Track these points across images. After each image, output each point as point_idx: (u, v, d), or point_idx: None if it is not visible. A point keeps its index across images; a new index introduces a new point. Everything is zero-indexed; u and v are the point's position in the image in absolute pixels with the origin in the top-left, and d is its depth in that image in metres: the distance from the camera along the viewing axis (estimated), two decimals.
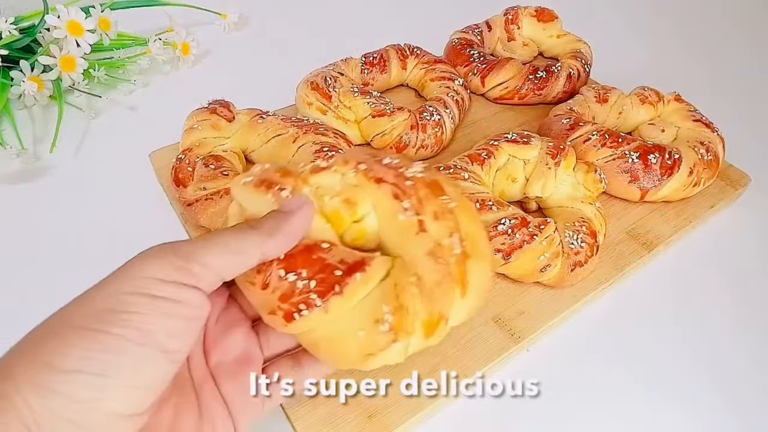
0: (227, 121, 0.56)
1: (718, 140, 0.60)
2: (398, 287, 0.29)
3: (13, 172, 0.61)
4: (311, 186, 0.32)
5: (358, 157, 0.33)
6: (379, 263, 0.30)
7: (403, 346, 0.29)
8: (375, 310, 0.29)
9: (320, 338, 0.29)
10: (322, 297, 0.28)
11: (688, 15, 0.98)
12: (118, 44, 0.75)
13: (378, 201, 0.31)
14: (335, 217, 0.31)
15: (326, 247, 0.30)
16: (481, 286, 0.31)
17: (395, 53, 0.69)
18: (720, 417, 0.44)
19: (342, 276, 0.28)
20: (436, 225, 0.30)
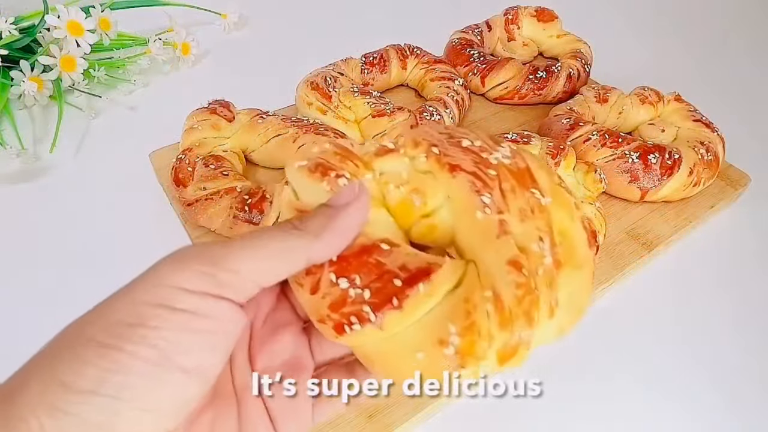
0: (227, 121, 0.56)
1: (718, 140, 0.60)
2: (470, 303, 0.24)
3: (13, 172, 0.61)
4: (374, 172, 0.27)
5: (432, 136, 0.27)
6: (448, 270, 0.25)
7: (471, 372, 0.24)
8: (439, 329, 0.24)
9: (374, 354, 0.25)
10: (377, 311, 0.24)
11: (688, 15, 0.98)
12: (118, 44, 0.75)
13: (453, 193, 0.26)
14: (401, 211, 0.27)
15: (386, 249, 0.25)
16: (578, 301, 0.25)
17: (395, 53, 0.69)
18: (720, 417, 0.44)
19: (402, 287, 0.24)
20: (522, 227, 0.25)
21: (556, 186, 0.26)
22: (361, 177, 0.26)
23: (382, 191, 0.27)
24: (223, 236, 0.51)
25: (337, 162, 0.26)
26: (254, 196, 0.50)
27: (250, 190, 0.51)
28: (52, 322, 0.50)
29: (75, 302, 0.52)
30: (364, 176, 0.27)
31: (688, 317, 0.51)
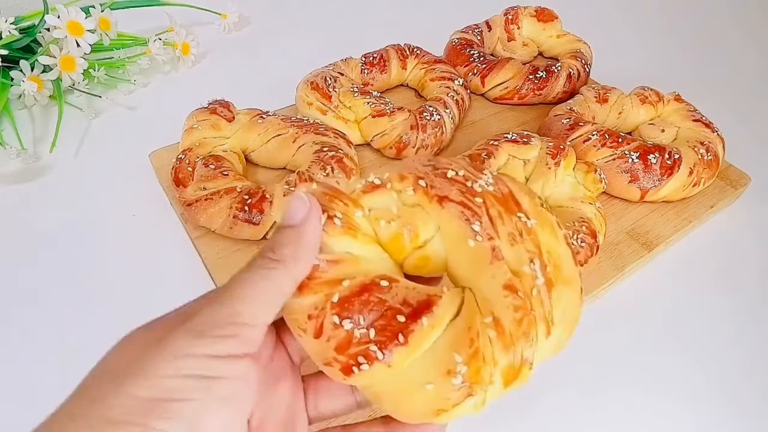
0: (227, 121, 0.56)
1: (718, 140, 0.60)
2: (472, 331, 0.24)
3: (13, 172, 0.61)
4: (363, 209, 0.28)
5: (417, 170, 0.28)
6: (448, 300, 0.25)
7: (479, 399, 0.24)
8: (445, 359, 0.24)
9: (384, 391, 0.25)
10: (384, 348, 0.24)
11: (688, 15, 0.98)
12: (118, 44, 0.75)
13: (443, 223, 0.27)
14: (394, 245, 0.27)
15: (385, 286, 0.25)
16: (570, 316, 0.26)
17: (395, 53, 0.69)
18: (720, 416, 0.44)
19: (406, 322, 0.24)
20: (513, 250, 0.25)
21: (538, 207, 0.27)
22: (351, 215, 0.27)
23: (373, 227, 0.27)
24: (223, 236, 0.51)
25: (326, 202, 0.27)
26: (254, 196, 0.50)
27: (250, 190, 0.51)
28: (52, 322, 0.50)
29: (75, 302, 0.52)
30: (355, 214, 0.27)
31: (688, 317, 0.51)
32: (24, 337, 0.47)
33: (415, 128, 0.60)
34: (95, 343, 0.48)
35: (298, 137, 0.56)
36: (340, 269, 0.26)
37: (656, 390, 0.45)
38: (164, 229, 0.54)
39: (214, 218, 0.50)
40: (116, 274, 0.52)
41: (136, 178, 0.59)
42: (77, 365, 0.47)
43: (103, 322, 0.48)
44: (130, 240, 0.54)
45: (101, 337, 0.49)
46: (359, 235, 0.27)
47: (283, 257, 0.25)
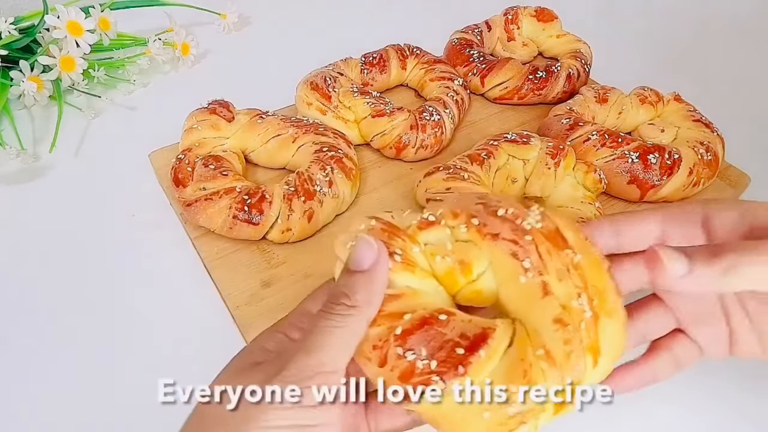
0: (227, 122, 0.56)
1: (718, 140, 0.60)
2: (525, 362, 0.26)
3: (13, 172, 0.61)
4: (420, 244, 0.30)
5: (469, 208, 0.30)
6: (502, 332, 0.27)
7: (532, 426, 0.26)
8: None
9: (442, 416, 0.27)
10: (445, 379, 0.26)
11: (688, 15, 0.98)
12: (118, 44, 0.75)
13: (495, 260, 0.29)
14: (448, 278, 0.29)
15: (444, 320, 0.27)
16: (615, 345, 0.28)
17: (395, 53, 0.69)
18: (720, 416, 0.44)
19: (465, 354, 0.26)
20: (562, 285, 0.27)
21: (583, 241, 0.29)
22: (409, 251, 0.29)
23: (429, 262, 0.29)
24: (222, 236, 0.51)
25: (386, 239, 0.29)
26: (254, 196, 0.50)
27: (250, 190, 0.51)
28: (52, 322, 0.50)
29: (74, 302, 0.52)
30: (412, 249, 0.29)
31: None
32: (23, 337, 0.47)
33: (414, 128, 0.60)
34: (95, 343, 0.48)
35: (298, 137, 0.56)
36: (401, 303, 0.28)
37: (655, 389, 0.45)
38: (164, 229, 0.54)
39: (213, 218, 0.50)
40: (116, 274, 0.52)
41: (136, 178, 0.59)
42: (77, 365, 0.47)
43: (103, 322, 0.48)
44: (129, 240, 0.54)
45: (101, 337, 0.49)
46: (417, 270, 0.29)
47: (357, 302, 0.26)
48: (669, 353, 0.32)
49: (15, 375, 0.45)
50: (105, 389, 0.44)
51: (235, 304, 0.47)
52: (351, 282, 0.27)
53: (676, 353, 0.32)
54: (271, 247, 0.51)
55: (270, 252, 0.51)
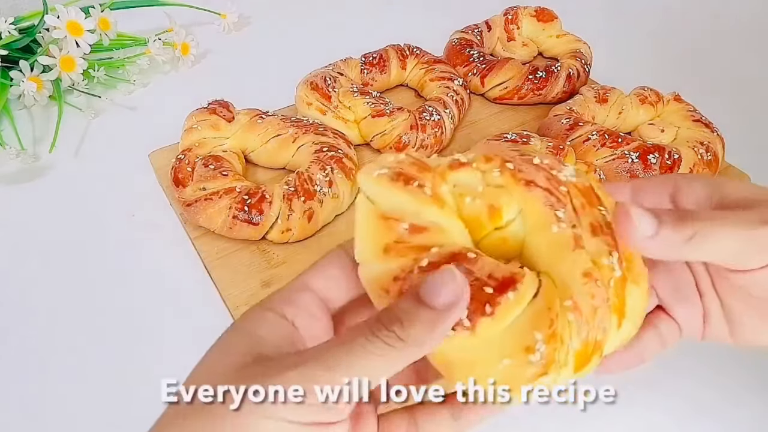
0: (227, 122, 0.56)
1: (718, 140, 0.60)
2: (552, 311, 0.25)
3: (13, 172, 0.61)
4: (449, 183, 0.28)
5: (505, 153, 0.28)
6: (530, 279, 0.26)
7: (552, 378, 0.25)
8: (525, 337, 0.25)
9: (457, 361, 0.25)
10: (471, 317, 0.24)
11: (688, 15, 0.98)
12: (118, 44, 0.75)
13: (528, 207, 0.27)
14: (475, 222, 0.27)
15: (473, 257, 0.25)
16: (638, 312, 0.27)
17: (395, 53, 0.69)
18: (721, 416, 0.44)
19: (493, 294, 0.24)
20: (595, 241, 0.26)
21: (613, 204, 0.28)
22: (438, 188, 0.27)
23: (457, 203, 0.28)
24: (222, 236, 0.51)
25: (415, 172, 0.27)
26: (254, 197, 0.50)
27: (250, 190, 0.51)
28: (51, 322, 0.50)
29: (74, 302, 0.52)
30: (441, 187, 0.27)
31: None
32: (23, 337, 0.47)
33: (414, 128, 0.60)
34: (95, 343, 0.48)
35: (298, 137, 0.56)
36: (427, 237, 0.26)
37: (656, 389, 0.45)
38: (164, 229, 0.54)
39: (213, 218, 0.50)
40: (116, 274, 0.52)
41: (136, 178, 0.59)
42: (77, 365, 0.47)
43: (103, 322, 0.48)
44: (129, 240, 0.54)
45: (101, 337, 0.49)
46: (446, 207, 0.27)
47: (411, 339, 0.22)
48: (654, 330, 0.31)
49: (15, 375, 0.45)
50: (105, 389, 0.44)
51: (235, 304, 0.47)
52: (413, 312, 0.22)
53: (660, 330, 0.31)
54: (271, 247, 0.51)
55: (270, 252, 0.51)
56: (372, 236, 0.26)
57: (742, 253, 0.25)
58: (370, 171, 0.27)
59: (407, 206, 0.26)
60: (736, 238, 0.25)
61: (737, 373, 0.47)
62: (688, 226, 0.25)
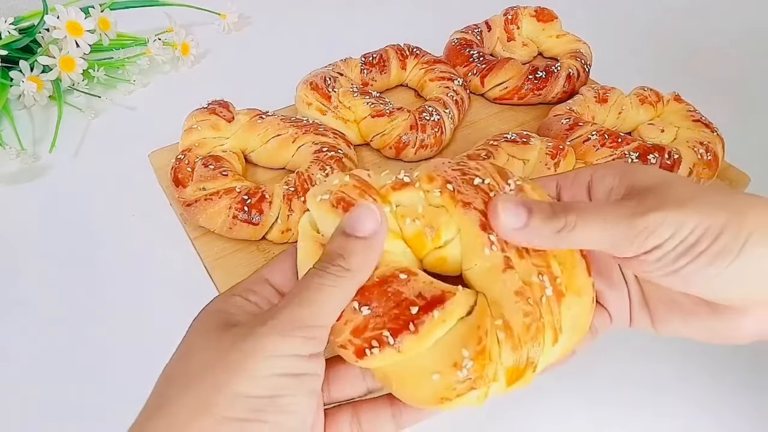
0: (227, 122, 0.56)
1: (718, 140, 0.60)
2: (481, 329, 0.26)
3: (13, 172, 0.61)
4: (392, 205, 0.29)
5: (446, 173, 0.30)
6: (461, 298, 0.27)
7: (482, 393, 0.26)
8: (454, 353, 0.26)
9: (392, 375, 0.27)
10: (395, 335, 0.26)
11: (688, 15, 0.98)
12: (118, 44, 0.75)
13: (464, 229, 0.28)
14: (416, 242, 0.29)
15: (404, 278, 0.27)
16: (579, 324, 0.28)
17: (395, 53, 0.69)
18: (721, 416, 0.44)
19: (418, 313, 0.26)
20: (522, 263, 0.27)
21: None
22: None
23: (398, 223, 0.29)
24: (223, 236, 0.51)
25: (356, 196, 0.29)
26: (253, 197, 0.50)
27: (250, 191, 0.51)
28: (51, 322, 0.50)
29: (74, 302, 0.52)
30: (383, 209, 0.29)
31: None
32: (23, 338, 0.47)
33: (414, 128, 0.60)
34: (95, 343, 0.48)
35: (298, 137, 0.56)
36: None
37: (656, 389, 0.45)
38: (164, 229, 0.54)
39: (213, 218, 0.50)
40: (116, 274, 0.52)
41: (136, 178, 0.59)
42: (77, 366, 0.47)
43: (103, 322, 0.48)
44: (129, 240, 0.54)
45: (101, 337, 0.49)
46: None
47: (352, 267, 0.26)
48: None
49: (15, 376, 0.45)
50: (106, 390, 0.44)
51: None
52: (349, 246, 0.27)
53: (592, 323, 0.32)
54: (271, 247, 0.51)
55: (270, 252, 0.51)
56: (308, 260, 0.28)
57: (615, 243, 0.26)
58: (315, 194, 0.29)
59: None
60: (606, 228, 0.26)
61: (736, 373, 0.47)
62: (560, 217, 0.26)
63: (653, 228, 0.25)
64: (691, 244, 0.25)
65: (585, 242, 0.27)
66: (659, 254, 0.26)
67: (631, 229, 0.26)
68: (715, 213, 0.25)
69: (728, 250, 0.25)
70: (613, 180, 0.29)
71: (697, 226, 0.25)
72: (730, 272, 0.25)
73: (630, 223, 0.25)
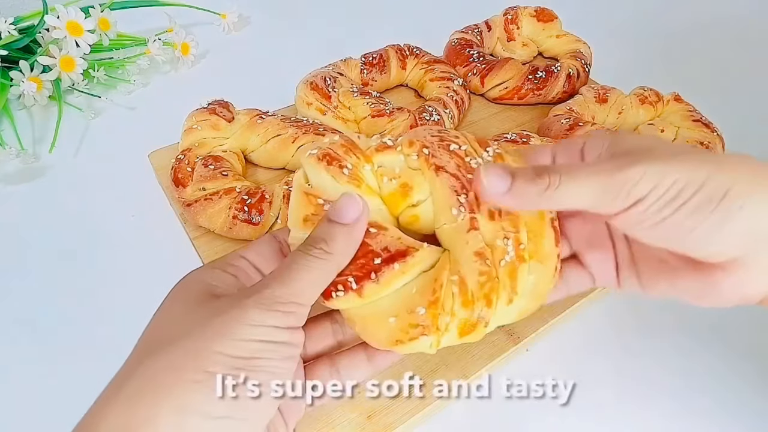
0: (227, 122, 0.56)
1: (718, 140, 0.60)
2: (437, 283, 0.29)
3: (13, 172, 0.61)
4: (373, 164, 0.32)
5: (425, 138, 0.32)
6: (425, 254, 0.29)
7: (433, 340, 0.29)
8: (410, 300, 0.29)
9: (355, 316, 0.30)
10: (359, 282, 0.29)
11: (688, 15, 0.98)
12: (118, 44, 0.75)
13: (435, 190, 0.31)
14: (391, 200, 0.31)
15: (373, 232, 0.30)
16: (540, 288, 0.30)
17: (395, 53, 0.69)
18: (722, 416, 0.44)
19: (380, 264, 0.29)
20: (491, 225, 0.29)
21: None
22: (360, 168, 0.31)
23: (377, 182, 0.31)
24: (223, 236, 0.51)
25: (342, 153, 0.31)
26: (253, 197, 0.50)
27: (250, 191, 0.51)
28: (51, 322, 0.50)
29: (74, 302, 0.52)
30: (364, 167, 0.31)
31: (689, 316, 0.51)
32: (23, 337, 0.47)
33: (413, 129, 0.60)
34: (94, 342, 0.48)
35: (298, 137, 0.56)
36: None
37: (657, 390, 0.45)
38: (164, 229, 0.54)
39: (213, 218, 0.50)
40: (115, 274, 0.52)
41: (136, 178, 0.59)
42: (77, 366, 0.47)
43: (103, 322, 0.48)
44: (129, 240, 0.54)
45: (101, 337, 0.49)
46: (363, 186, 0.31)
47: (335, 251, 0.28)
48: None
49: (15, 376, 0.45)
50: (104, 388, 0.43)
51: None
52: (331, 231, 0.29)
53: (566, 277, 0.33)
54: None
55: None
56: (296, 208, 0.31)
57: (599, 199, 0.27)
58: (308, 150, 0.33)
59: (327, 183, 0.31)
60: (591, 185, 0.27)
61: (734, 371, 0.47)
62: (543, 178, 0.27)
63: (635, 180, 0.26)
64: (673, 196, 0.26)
65: (570, 201, 0.27)
66: (643, 207, 0.26)
67: (613, 184, 0.26)
68: (696, 167, 0.26)
69: (709, 201, 0.26)
70: (602, 143, 0.30)
71: (678, 178, 0.26)
72: (711, 224, 0.26)
73: (612, 177, 0.26)
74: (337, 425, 0.39)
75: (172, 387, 0.25)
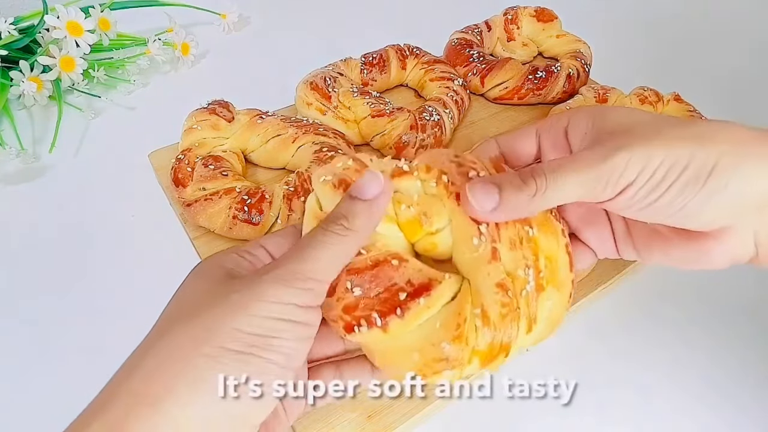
0: (227, 122, 0.56)
1: None
2: (461, 316, 0.28)
3: (13, 172, 0.61)
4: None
5: (443, 164, 0.31)
6: (447, 286, 0.29)
7: (456, 373, 0.29)
8: (434, 335, 0.28)
9: (377, 350, 0.30)
10: (383, 317, 0.28)
11: (688, 15, 0.98)
12: (118, 44, 0.75)
13: (455, 219, 0.30)
14: (409, 228, 0.31)
15: (395, 264, 0.29)
16: (555, 315, 0.30)
17: (395, 53, 0.69)
18: (722, 417, 0.44)
19: (405, 299, 0.28)
20: (511, 255, 0.29)
21: (547, 214, 0.31)
22: None
23: (394, 209, 0.31)
24: (223, 236, 0.51)
25: (357, 179, 0.30)
26: (253, 197, 0.50)
27: (250, 191, 0.51)
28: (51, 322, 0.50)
29: (74, 302, 0.52)
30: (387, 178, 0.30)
31: (689, 316, 0.51)
32: (23, 336, 0.47)
33: (414, 128, 0.60)
34: (94, 342, 0.48)
35: (298, 137, 0.56)
36: None
37: (657, 390, 0.45)
38: (164, 229, 0.54)
39: (213, 219, 0.50)
40: (115, 274, 0.52)
41: (136, 178, 0.59)
42: (77, 363, 0.47)
43: (103, 322, 0.48)
44: (129, 240, 0.54)
45: (101, 336, 0.49)
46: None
47: (355, 227, 0.28)
48: None
49: (14, 376, 0.45)
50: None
51: None
52: (352, 208, 0.28)
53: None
54: None
55: None
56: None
57: (588, 192, 0.27)
58: (320, 175, 0.31)
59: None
60: (579, 180, 0.27)
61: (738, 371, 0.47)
62: (530, 183, 0.27)
63: (622, 167, 0.26)
64: (660, 178, 0.26)
65: (562, 198, 0.28)
66: (632, 191, 0.27)
67: (601, 174, 0.27)
68: (681, 145, 0.26)
69: (696, 179, 0.26)
70: (586, 124, 0.30)
71: (664, 159, 0.26)
72: (699, 200, 0.26)
73: (599, 168, 0.27)
74: (337, 425, 0.39)
75: (189, 361, 0.25)
